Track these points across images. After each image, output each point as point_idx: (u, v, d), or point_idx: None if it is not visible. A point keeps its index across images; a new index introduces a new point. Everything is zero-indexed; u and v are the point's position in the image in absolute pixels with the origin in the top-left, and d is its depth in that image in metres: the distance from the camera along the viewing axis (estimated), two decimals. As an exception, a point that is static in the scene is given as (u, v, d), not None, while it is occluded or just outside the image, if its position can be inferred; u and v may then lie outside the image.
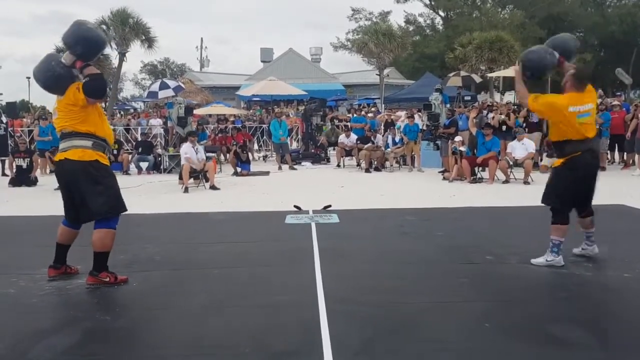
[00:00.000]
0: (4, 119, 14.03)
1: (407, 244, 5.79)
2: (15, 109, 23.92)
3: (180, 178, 10.57)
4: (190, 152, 10.75)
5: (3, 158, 13.90)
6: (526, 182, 10.57)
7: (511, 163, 11.00)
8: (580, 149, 4.62)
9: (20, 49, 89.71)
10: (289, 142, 16.41)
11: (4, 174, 13.57)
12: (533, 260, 4.84)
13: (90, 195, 4.23)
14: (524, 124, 13.05)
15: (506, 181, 10.75)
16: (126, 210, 4.46)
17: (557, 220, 4.75)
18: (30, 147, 13.95)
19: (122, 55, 31.52)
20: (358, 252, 5.40)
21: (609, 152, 13.71)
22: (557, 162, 4.85)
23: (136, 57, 74.02)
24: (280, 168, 14.41)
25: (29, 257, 5.32)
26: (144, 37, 31.44)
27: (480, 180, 11.08)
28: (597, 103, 4.79)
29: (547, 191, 4.85)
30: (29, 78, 38.15)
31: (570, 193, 4.73)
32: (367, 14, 45.17)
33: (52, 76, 4.29)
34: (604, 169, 12.45)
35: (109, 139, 4.46)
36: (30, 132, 16.89)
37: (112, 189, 4.35)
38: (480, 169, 11.29)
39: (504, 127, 13.12)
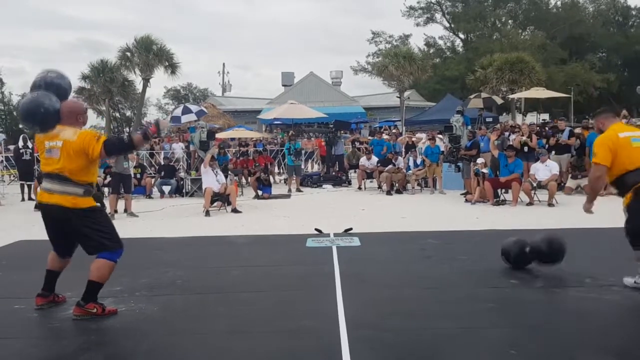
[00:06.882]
0: (29, 145, 14.31)
1: (430, 267, 5.72)
2: (42, 135, 24.47)
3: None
4: (210, 178, 10.73)
5: (29, 183, 14.15)
6: (550, 204, 10.41)
7: (535, 185, 10.85)
8: None
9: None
10: (308, 165, 16.38)
11: (30, 199, 13.79)
12: (625, 279, 4.64)
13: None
14: (547, 145, 12.91)
15: (530, 203, 10.60)
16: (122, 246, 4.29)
17: None
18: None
19: (145, 81, 32.26)
20: (380, 276, 5.34)
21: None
22: (625, 199, 4.58)
23: (160, 82, 75.45)
24: (289, 190, 14.41)
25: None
26: (167, 63, 32.16)
27: (504, 202, 10.94)
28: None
29: (632, 232, 4.52)
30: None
31: None
32: (387, 37, 45.53)
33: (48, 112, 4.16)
34: None
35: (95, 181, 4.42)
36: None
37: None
38: (504, 191, 11.15)
39: (525, 149, 12.97)
